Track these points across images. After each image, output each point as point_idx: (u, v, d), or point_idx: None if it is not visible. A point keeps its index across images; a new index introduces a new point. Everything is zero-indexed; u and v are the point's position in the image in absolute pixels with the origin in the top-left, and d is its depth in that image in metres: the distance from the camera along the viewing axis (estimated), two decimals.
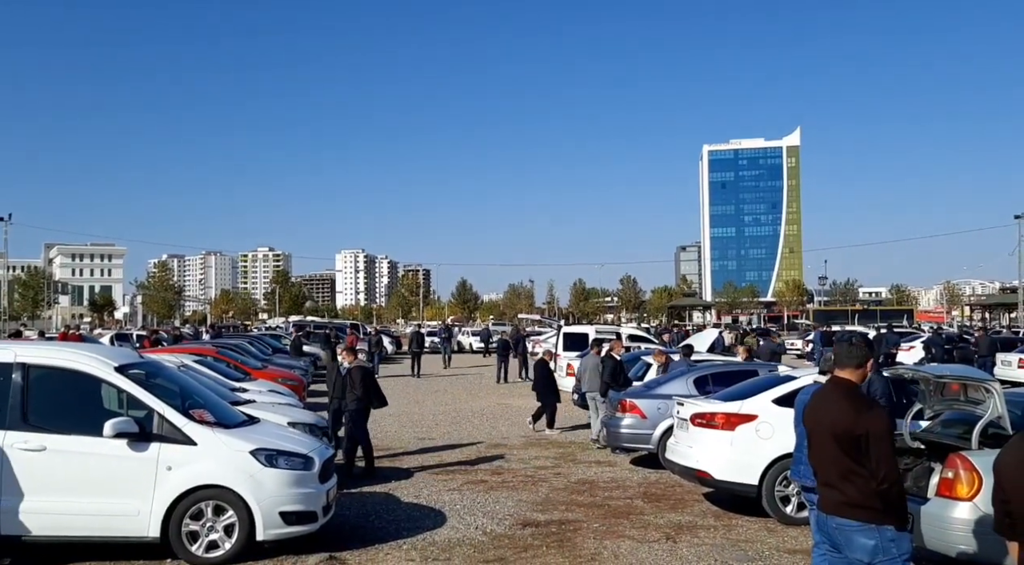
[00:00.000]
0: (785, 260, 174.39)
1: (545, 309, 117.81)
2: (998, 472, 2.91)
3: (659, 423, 11.23)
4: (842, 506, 4.10)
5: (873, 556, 4.01)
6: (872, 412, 4.09)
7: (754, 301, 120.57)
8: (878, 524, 4.02)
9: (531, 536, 7.83)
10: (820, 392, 4.52)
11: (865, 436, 4.02)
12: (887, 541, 4.02)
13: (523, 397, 21.79)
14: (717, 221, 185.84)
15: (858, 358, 4.29)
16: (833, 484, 4.16)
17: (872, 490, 4.00)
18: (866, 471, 4.01)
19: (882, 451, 4.02)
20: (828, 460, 4.20)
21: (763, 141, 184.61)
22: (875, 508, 4.01)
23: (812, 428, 4.34)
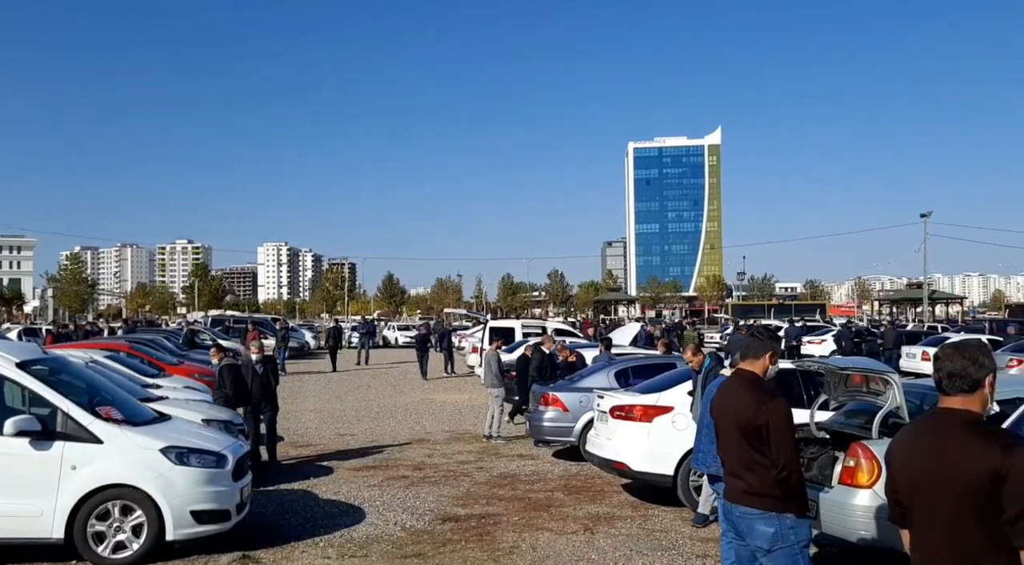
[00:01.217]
0: (706, 256, 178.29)
1: (473, 304, 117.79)
2: (888, 462, 3.01)
3: (580, 416, 11.37)
4: (745, 494, 4.22)
5: (773, 543, 4.13)
6: (773, 402, 4.21)
7: (677, 296, 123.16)
8: (778, 512, 4.14)
9: (451, 531, 7.84)
10: (725, 384, 4.64)
11: (766, 426, 4.13)
12: (787, 528, 4.14)
13: (448, 392, 21.79)
14: (642, 217, 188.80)
15: (761, 350, 4.42)
16: (737, 473, 4.28)
17: (773, 478, 4.12)
18: (767, 460, 4.14)
19: (782, 440, 4.14)
20: (732, 450, 4.32)
21: (686, 139, 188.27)
22: (776, 496, 4.14)
23: (719, 419, 4.46)
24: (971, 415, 2.80)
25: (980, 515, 2.64)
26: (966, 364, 2.82)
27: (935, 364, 2.91)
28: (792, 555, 4.15)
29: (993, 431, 2.82)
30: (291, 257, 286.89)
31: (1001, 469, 2.59)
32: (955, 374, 2.82)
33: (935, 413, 2.91)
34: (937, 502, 2.74)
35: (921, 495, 2.81)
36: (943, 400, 2.88)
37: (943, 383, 2.85)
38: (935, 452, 2.78)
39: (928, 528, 2.80)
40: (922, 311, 61.77)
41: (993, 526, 2.63)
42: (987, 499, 2.62)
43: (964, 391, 2.82)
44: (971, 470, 2.65)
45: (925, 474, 2.79)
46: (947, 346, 2.95)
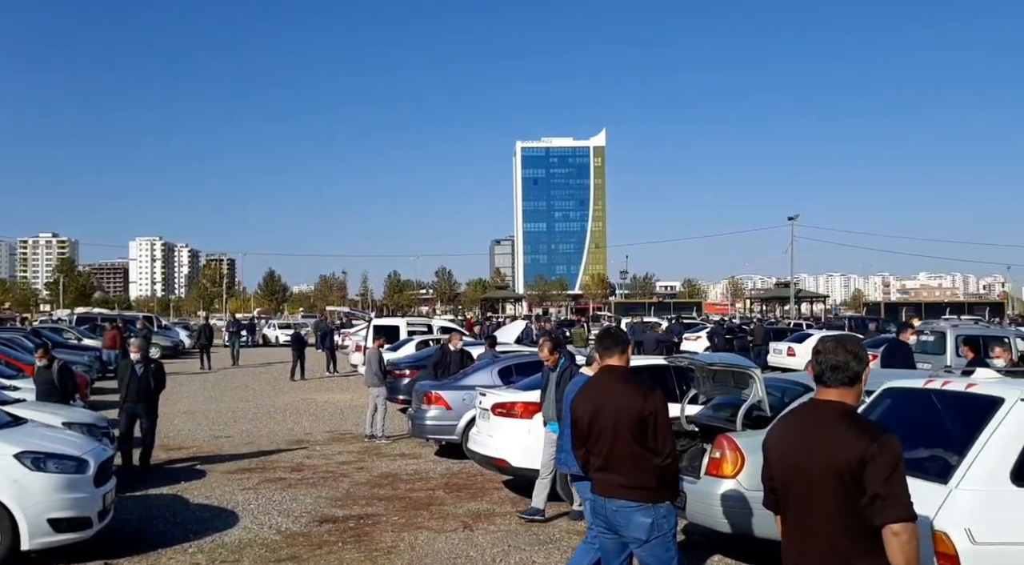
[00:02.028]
0: (591, 255, 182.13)
1: (359, 301, 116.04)
2: (765, 450, 3.09)
3: (464, 414, 11.40)
4: (622, 488, 4.28)
5: (650, 533, 4.24)
6: (655, 393, 4.37)
7: (563, 294, 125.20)
8: (654, 502, 4.27)
9: (328, 532, 7.72)
10: (597, 381, 4.67)
11: (652, 416, 4.27)
12: (661, 517, 4.28)
13: (329, 392, 21.38)
14: (529, 216, 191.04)
15: (623, 345, 4.57)
16: (613, 468, 4.33)
17: (654, 468, 4.24)
18: (648, 451, 4.25)
19: (666, 428, 4.32)
20: (608, 445, 4.35)
21: (572, 140, 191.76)
22: (652, 487, 4.26)
23: (591, 417, 4.46)
24: (846, 407, 2.89)
25: (851, 503, 2.75)
26: (848, 358, 2.90)
27: (816, 357, 2.97)
28: (666, 542, 4.29)
29: (865, 423, 2.91)
30: (166, 252, 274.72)
31: (865, 455, 2.72)
32: (838, 367, 2.90)
33: (812, 404, 2.99)
34: (811, 490, 2.84)
35: (795, 483, 2.90)
36: (821, 392, 2.96)
37: (825, 375, 2.92)
38: (811, 442, 2.87)
39: (801, 515, 2.89)
40: (789, 309, 65.13)
41: (860, 511, 2.74)
42: (856, 487, 2.73)
43: (844, 384, 2.91)
44: (843, 460, 2.75)
45: (800, 463, 2.88)
46: (829, 341, 3.01)
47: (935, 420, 5.31)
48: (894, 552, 2.70)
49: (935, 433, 5.20)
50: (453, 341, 14.75)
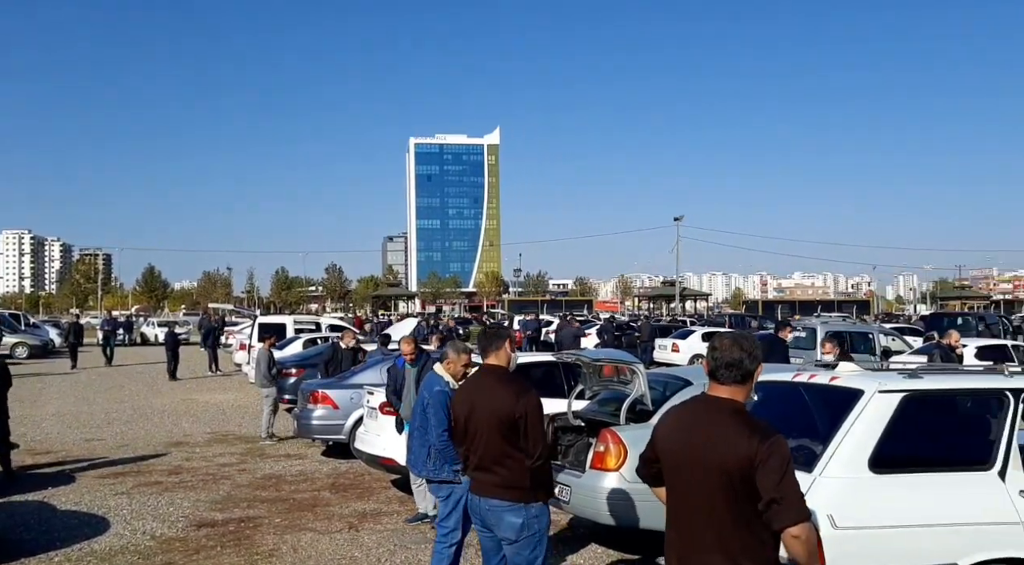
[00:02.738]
0: (485, 253, 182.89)
1: (245, 298, 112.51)
2: (654, 438, 3.13)
3: (351, 413, 11.22)
4: (496, 488, 4.30)
5: (519, 533, 4.26)
6: (529, 395, 4.34)
7: (457, 291, 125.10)
8: (527, 502, 4.28)
9: (206, 537, 7.44)
10: (474, 380, 4.67)
11: (524, 417, 4.25)
12: (532, 517, 4.29)
13: (211, 392, 20.66)
14: (423, 213, 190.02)
15: (500, 342, 4.53)
16: (487, 467, 4.34)
17: (524, 470, 4.24)
18: (520, 453, 4.25)
19: (537, 430, 4.30)
20: (483, 445, 4.36)
21: (466, 138, 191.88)
22: (525, 487, 4.27)
23: (467, 415, 4.46)
24: (736, 405, 2.93)
25: (734, 499, 2.80)
26: (743, 356, 2.94)
27: (712, 354, 2.98)
28: (535, 542, 4.31)
29: (755, 421, 2.93)
30: (35, 246, 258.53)
31: (755, 457, 2.75)
32: (732, 365, 2.92)
33: (704, 399, 3.03)
34: (696, 484, 2.89)
35: (682, 475, 2.95)
36: (713, 388, 2.98)
37: (719, 372, 2.95)
38: (700, 437, 2.90)
39: (685, 507, 2.94)
40: (674, 307, 67.27)
41: (744, 510, 2.80)
42: (741, 485, 2.78)
43: (737, 381, 2.94)
44: (730, 457, 2.79)
45: (688, 456, 2.93)
46: (724, 337, 3.03)
47: (803, 412, 5.58)
48: (798, 553, 2.77)
49: (803, 424, 5.46)
50: (346, 339, 14.50)
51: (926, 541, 4.39)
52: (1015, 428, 4.77)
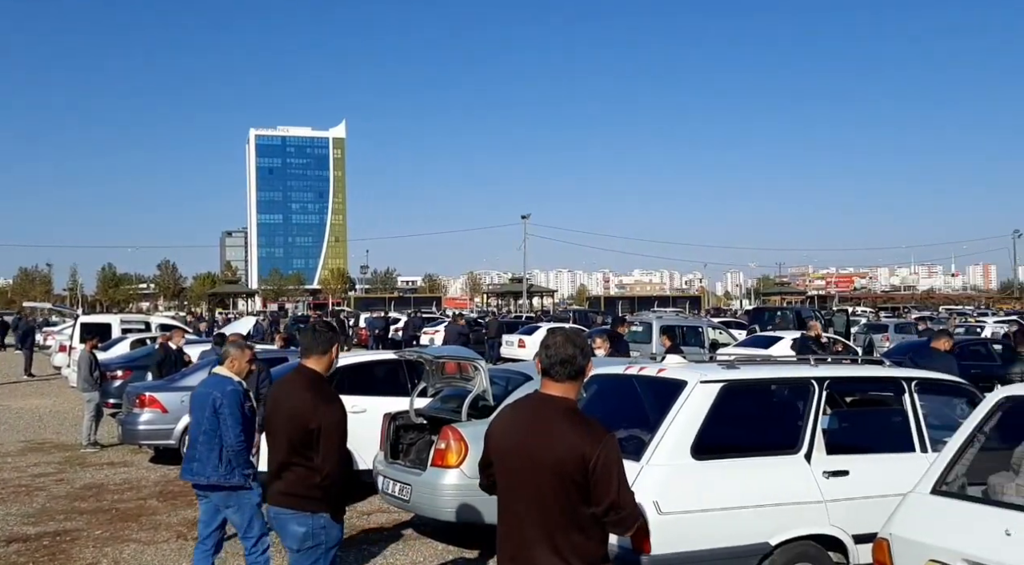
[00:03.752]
0: (331, 249, 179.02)
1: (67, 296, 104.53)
2: (487, 438, 3.09)
3: (181, 416, 10.66)
4: (282, 495, 4.10)
5: (302, 542, 4.07)
6: (332, 405, 4.05)
7: (300, 289, 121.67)
8: (313, 512, 4.07)
9: (16, 553, 6.86)
10: (285, 381, 4.43)
11: (318, 429, 3.96)
12: (319, 528, 4.09)
13: (26, 397, 19.09)
14: (264, 207, 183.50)
15: (324, 345, 4.22)
16: (278, 475, 4.14)
17: (315, 482, 4.01)
18: (311, 463, 4.01)
19: (331, 445, 3.99)
20: (276, 449, 4.16)
21: (311, 130, 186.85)
22: (312, 497, 4.05)
23: (269, 418, 4.24)
24: (569, 403, 2.93)
25: (565, 498, 2.80)
26: (576, 352, 2.93)
27: (545, 351, 2.95)
28: (316, 555, 4.11)
29: (588, 420, 2.92)
30: None
31: (589, 458, 2.75)
32: (566, 361, 2.91)
33: (537, 397, 3.00)
34: (528, 482, 2.87)
35: (514, 474, 2.93)
36: (547, 386, 2.96)
37: (553, 369, 2.92)
38: (533, 436, 2.89)
39: (517, 506, 2.92)
40: (522, 303, 68.50)
41: (575, 509, 2.81)
42: (574, 485, 2.78)
43: (571, 378, 2.93)
44: (564, 457, 2.78)
45: (521, 455, 2.91)
46: (557, 334, 3.01)
47: (636, 403, 5.83)
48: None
49: (635, 415, 5.70)
50: (175, 338, 13.77)
51: (742, 522, 4.70)
52: (819, 414, 5.19)
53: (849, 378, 5.90)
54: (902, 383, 5.58)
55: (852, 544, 4.86)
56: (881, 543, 3.74)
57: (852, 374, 5.97)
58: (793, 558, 4.76)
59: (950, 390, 6.01)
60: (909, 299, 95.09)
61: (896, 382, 5.65)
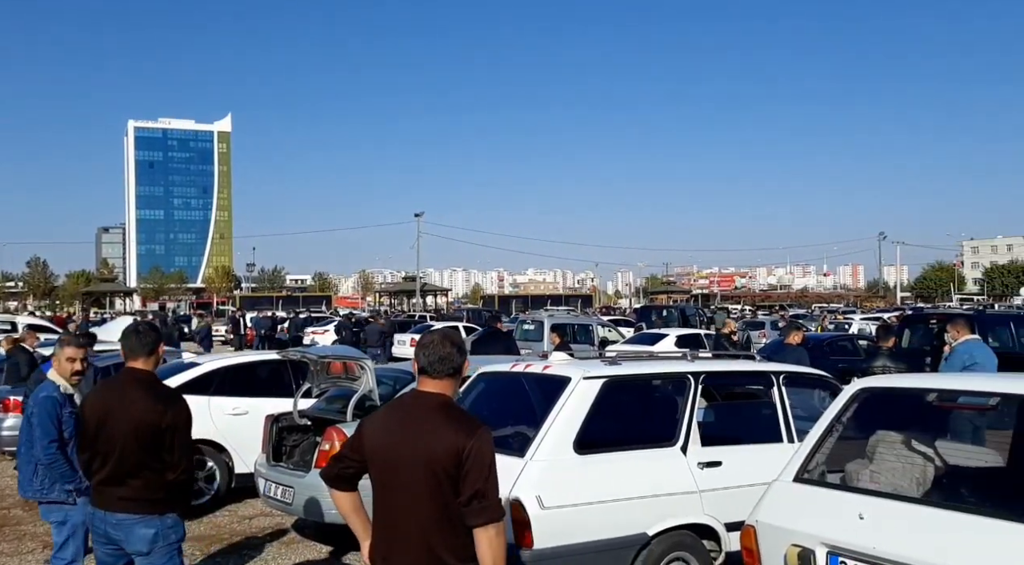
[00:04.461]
0: (216, 246, 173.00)
1: None
2: (361, 435, 3.05)
3: None
4: (126, 501, 3.99)
5: (152, 544, 4.00)
6: (179, 404, 4.04)
7: (183, 287, 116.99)
8: (160, 514, 4.02)
9: None
10: (111, 384, 4.27)
11: (171, 428, 3.93)
12: (167, 528, 4.04)
13: None
14: (144, 203, 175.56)
15: (150, 345, 4.12)
16: (122, 480, 4.00)
17: (161, 482, 3.97)
18: (160, 464, 3.96)
19: (183, 442, 4.00)
20: (120, 456, 4.00)
21: (194, 123, 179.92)
22: (158, 499, 4.01)
23: (100, 420, 4.05)
24: (445, 399, 2.96)
25: (440, 495, 2.82)
26: (452, 350, 2.98)
27: (423, 350, 2.99)
28: (170, 553, 4.07)
29: (463, 415, 2.97)
30: None
31: (463, 451, 2.79)
32: (445, 359, 2.96)
33: (414, 395, 3.03)
34: (404, 480, 2.87)
35: (389, 472, 2.92)
36: (424, 383, 2.98)
37: (432, 367, 2.96)
38: (410, 432, 2.90)
39: (392, 505, 2.92)
40: (415, 302, 68.10)
41: (450, 506, 2.82)
42: (449, 480, 2.80)
43: (448, 375, 2.97)
44: (440, 451, 2.81)
45: (396, 452, 2.90)
46: (434, 333, 3.07)
47: (523, 400, 5.90)
48: (483, 550, 2.81)
49: (522, 411, 5.77)
50: (28, 340, 12.99)
51: (622, 514, 4.83)
52: (695, 407, 5.39)
53: (722, 372, 6.16)
54: (771, 377, 5.85)
55: (724, 532, 5.06)
56: (748, 530, 3.91)
57: (725, 369, 6.24)
58: (669, 547, 4.93)
59: (815, 383, 6.35)
60: (785, 298, 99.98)
61: (765, 376, 5.93)
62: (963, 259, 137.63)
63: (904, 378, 5.04)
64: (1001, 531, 3.12)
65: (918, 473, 3.80)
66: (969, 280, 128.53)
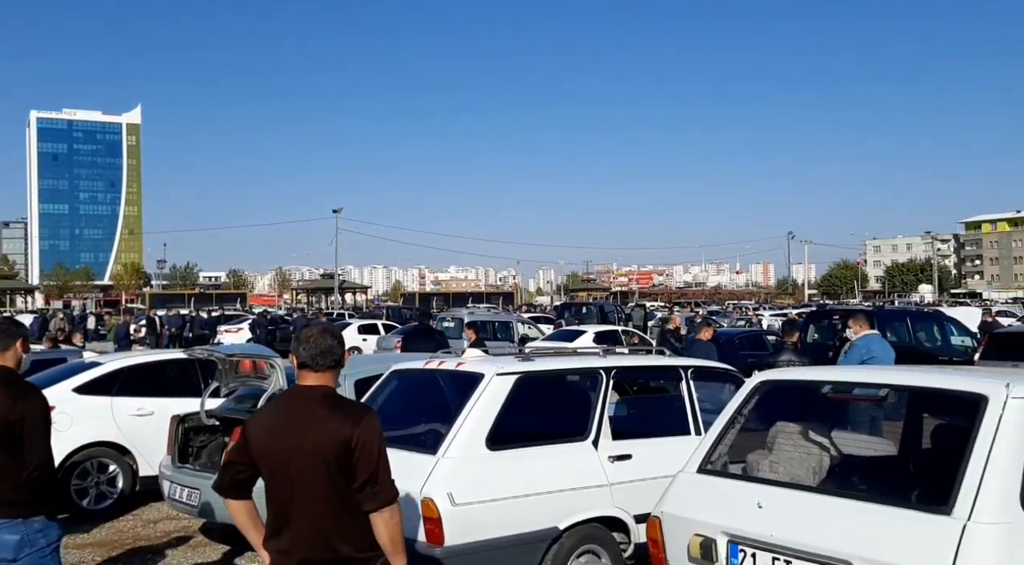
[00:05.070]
0: (124, 242, 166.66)
1: None
2: (246, 436, 3.03)
3: None
4: None
5: (19, 551, 3.81)
6: (29, 397, 3.87)
7: (89, 285, 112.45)
8: (25, 517, 3.83)
9: None
10: None
11: (20, 422, 3.75)
12: (34, 533, 3.85)
13: None
14: (47, 196, 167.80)
15: (7, 340, 3.99)
16: None
17: (20, 482, 3.78)
18: (16, 462, 3.77)
19: (38, 436, 3.82)
20: None
21: (101, 115, 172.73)
22: (23, 502, 3.82)
23: None
24: (328, 390, 2.99)
25: (333, 486, 2.84)
26: (333, 343, 3.03)
27: (304, 345, 3.01)
28: (42, 558, 3.88)
29: (348, 403, 3.05)
30: None
31: (352, 439, 2.82)
32: (326, 352, 3.00)
33: (295, 390, 3.05)
34: (294, 474, 2.86)
35: (279, 469, 2.91)
36: (304, 377, 3.01)
37: (315, 361, 2.98)
38: (296, 427, 2.90)
39: (283, 499, 2.90)
40: (334, 300, 67.13)
41: (343, 496, 2.84)
42: (341, 469, 2.83)
43: (330, 368, 3.01)
44: (329, 441, 2.83)
45: (285, 448, 2.89)
46: (313, 329, 3.12)
47: (437, 397, 5.88)
48: (381, 533, 2.85)
49: (435, 409, 5.75)
50: None
51: (534, 508, 4.86)
52: (607, 401, 5.47)
53: (634, 367, 6.27)
54: (679, 371, 5.98)
55: (633, 524, 5.15)
56: (653, 521, 3.98)
57: (636, 364, 6.35)
58: (580, 540, 4.99)
59: (721, 377, 6.52)
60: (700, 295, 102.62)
61: (674, 370, 6.06)
62: (866, 258, 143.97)
63: (801, 371, 5.22)
64: (890, 517, 3.25)
65: (814, 462, 3.93)
66: (872, 278, 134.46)
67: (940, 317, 17.20)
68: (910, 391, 4.14)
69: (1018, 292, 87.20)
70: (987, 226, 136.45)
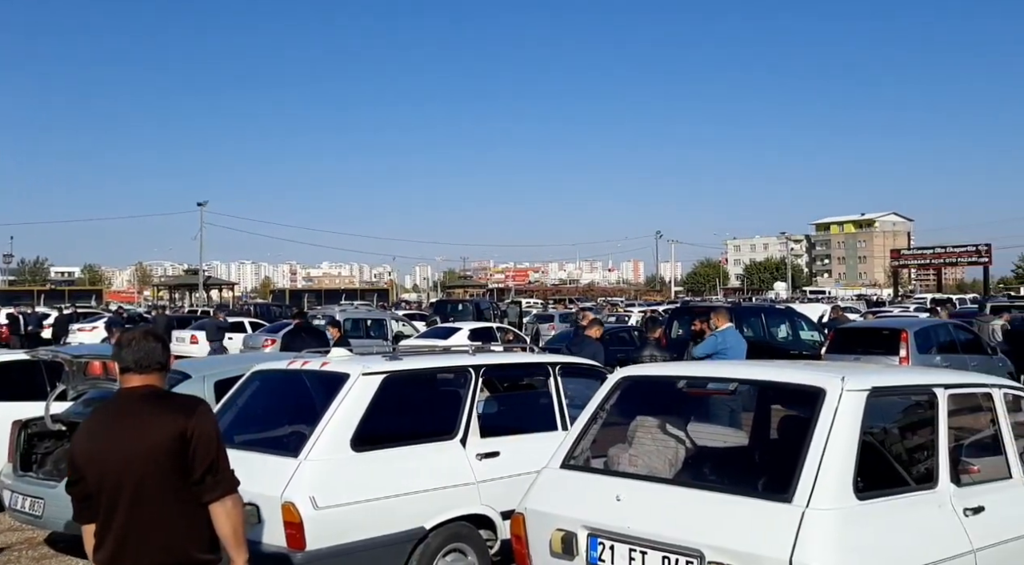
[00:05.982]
0: None
1: None
2: (72, 453, 2.93)
3: None
4: None
5: None
6: None
7: None
8: None
9: None
10: None
11: None
12: None
13: None
14: None
15: None
16: None
17: None
18: None
19: None
20: None
21: None
22: None
23: None
24: (155, 388, 2.93)
25: (168, 483, 2.79)
26: (156, 345, 2.98)
27: (125, 349, 2.94)
28: None
29: (178, 397, 3.02)
30: None
31: (187, 431, 2.79)
32: (150, 353, 2.94)
33: (119, 394, 2.98)
34: (126, 478, 2.78)
35: (109, 475, 2.81)
36: (128, 380, 2.93)
37: (138, 364, 2.92)
38: (122, 430, 2.83)
39: (115, 504, 2.81)
40: (199, 297, 64.44)
41: (180, 493, 2.80)
42: (175, 466, 2.79)
43: (156, 369, 2.95)
44: (159, 438, 2.78)
45: (113, 454, 2.80)
46: (134, 332, 3.06)
47: (301, 398, 5.73)
48: (222, 523, 2.84)
49: (299, 410, 5.61)
50: None
51: (400, 509, 4.82)
52: (475, 399, 5.49)
53: (502, 365, 6.32)
54: (548, 368, 6.08)
55: (500, 521, 5.19)
56: (517, 517, 4.03)
57: (505, 361, 6.40)
58: (446, 539, 4.98)
59: (588, 373, 6.68)
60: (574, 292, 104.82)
61: (543, 367, 6.15)
62: (727, 256, 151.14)
63: (660, 367, 5.43)
64: (738, 506, 3.42)
65: (671, 455, 4.10)
66: (732, 276, 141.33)
67: (791, 313, 18.29)
68: (759, 385, 4.37)
69: (862, 289, 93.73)
70: (835, 227, 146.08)
